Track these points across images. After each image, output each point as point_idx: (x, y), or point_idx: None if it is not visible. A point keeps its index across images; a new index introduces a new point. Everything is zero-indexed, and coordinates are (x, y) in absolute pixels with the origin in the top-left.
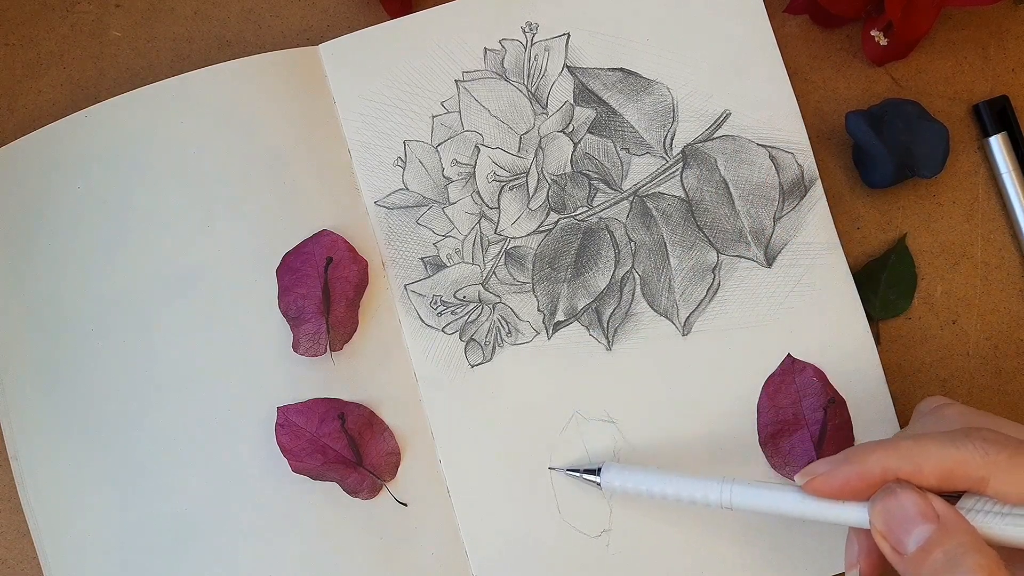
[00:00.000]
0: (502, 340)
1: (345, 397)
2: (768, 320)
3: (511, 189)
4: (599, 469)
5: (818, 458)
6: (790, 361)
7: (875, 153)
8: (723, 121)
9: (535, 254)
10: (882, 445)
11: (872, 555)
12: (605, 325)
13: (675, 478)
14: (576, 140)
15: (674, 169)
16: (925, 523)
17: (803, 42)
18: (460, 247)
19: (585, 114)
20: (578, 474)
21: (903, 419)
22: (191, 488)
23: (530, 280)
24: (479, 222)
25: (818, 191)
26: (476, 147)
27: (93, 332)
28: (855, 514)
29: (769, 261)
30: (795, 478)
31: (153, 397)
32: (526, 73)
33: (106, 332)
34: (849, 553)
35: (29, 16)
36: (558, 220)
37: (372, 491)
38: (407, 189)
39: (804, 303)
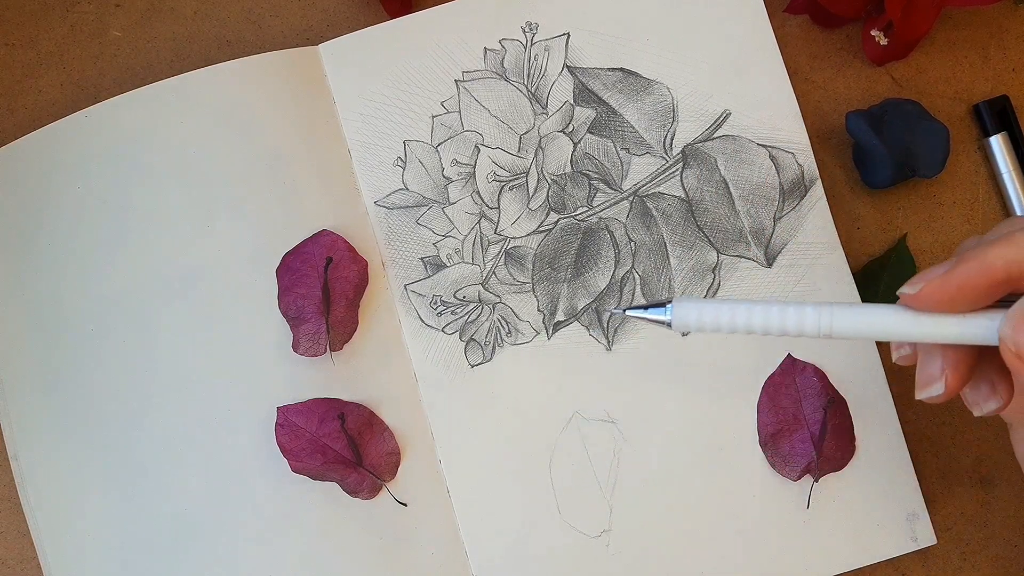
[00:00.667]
0: (502, 340)
1: (345, 397)
2: None
3: (511, 189)
4: (667, 304)
5: (818, 459)
6: (790, 361)
7: (875, 153)
8: (723, 121)
9: (535, 254)
10: (995, 242)
11: (961, 368)
12: (605, 325)
13: (762, 307)
14: (576, 140)
15: (674, 169)
16: None
17: (803, 42)
18: (460, 247)
19: (585, 114)
20: (642, 311)
21: (903, 419)
22: (191, 488)
23: (530, 280)
24: (479, 222)
25: (818, 191)
26: (476, 147)
27: (93, 332)
28: (978, 329)
29: (769, 261)
30: (902, 288)
31: (153, 397)
32: (526, 73)
33: (106, 332)
34: (929, 367)
35: (29, 16)
36: (558, 220)
37: (372, 491)
38: (407, 189)
39: None
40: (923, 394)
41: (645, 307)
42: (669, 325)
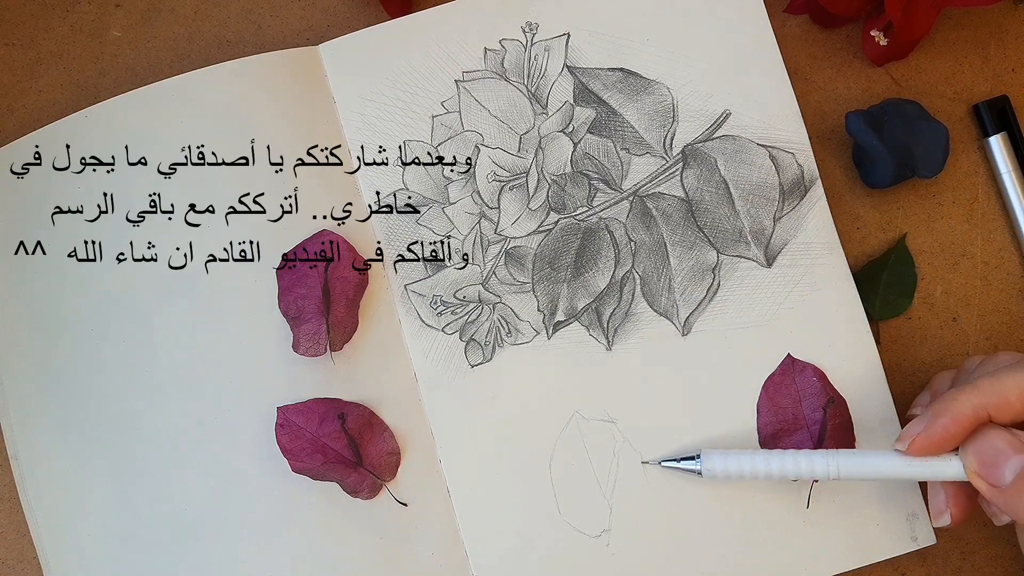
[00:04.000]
0: (502, 340)
1: (345, 397)
2: (768, 320)
3: (511, 189)
4: (696, 457)
5: None
6: (790, 361)
7: (875, 153)
8: (723, 121)
9: (535, 254)
10: (963, 390)
11: (960, 499)
12: (605, 325)
13: (778, 456)
14: (576, 140)
15: (674, 169)
16: (1018, 454)
17: (803, 42)
18: (460, 247)
19: (585, 114)
20: (675, 463)
21: (903, 419)
22: (191, 488)
23: (530, 280)
24: (479, 222)
25: (818, 191)
26: (476, 147)
27: (93, 332)
28: (952, 468)
29: (769, 261)
30: (895, 445)
31: (153, 397)
32: (526, 73)
33: (106, 332)
34: (936, 503)
35: (29, 16)
36: (558, 220)
37: (372, 491)
38: (407, 189)
39: (804, 303)
40: (936, 524)
41: (677, 460)
42: (699, 474)
